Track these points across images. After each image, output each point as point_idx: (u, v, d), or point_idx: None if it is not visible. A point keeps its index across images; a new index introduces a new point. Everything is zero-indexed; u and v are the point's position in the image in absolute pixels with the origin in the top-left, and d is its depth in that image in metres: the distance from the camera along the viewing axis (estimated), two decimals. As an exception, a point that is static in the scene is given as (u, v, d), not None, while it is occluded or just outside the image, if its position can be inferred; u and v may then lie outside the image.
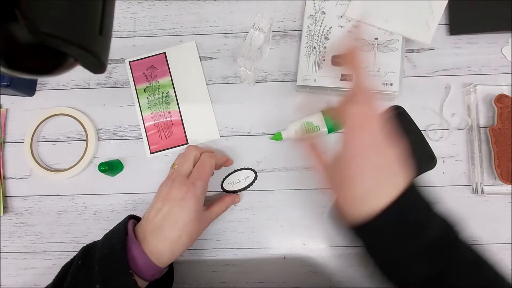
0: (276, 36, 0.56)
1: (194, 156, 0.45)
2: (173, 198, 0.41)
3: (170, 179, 0.43)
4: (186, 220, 0.40)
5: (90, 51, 0.25)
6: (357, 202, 0.33)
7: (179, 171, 0.43)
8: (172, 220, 0.40)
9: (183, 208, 0.40)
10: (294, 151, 0.52)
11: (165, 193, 0.42)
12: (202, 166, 0.44)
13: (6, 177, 0.54)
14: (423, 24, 0.51)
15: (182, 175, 0.43)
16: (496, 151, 0.49)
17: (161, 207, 0.41)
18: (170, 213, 0.40)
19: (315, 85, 0.51)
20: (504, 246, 0.49)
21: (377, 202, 0.31)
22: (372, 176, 0.32)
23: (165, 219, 0.40)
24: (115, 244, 0.38)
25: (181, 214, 0.40)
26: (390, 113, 0.51)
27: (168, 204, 0.41)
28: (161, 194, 0.42)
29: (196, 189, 0.41)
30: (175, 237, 0.40)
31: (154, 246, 0.39)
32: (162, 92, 0.55)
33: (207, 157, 0.45)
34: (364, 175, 0.32)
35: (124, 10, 0.58)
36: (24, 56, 0.24)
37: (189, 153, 0.45)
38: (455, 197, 0.50)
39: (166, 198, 0.41)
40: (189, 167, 0.44)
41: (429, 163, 0.50)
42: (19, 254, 0.52)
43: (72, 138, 0.54)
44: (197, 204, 0.41)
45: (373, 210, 0.31)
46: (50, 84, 0.56)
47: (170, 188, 0.42)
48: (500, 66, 0.53)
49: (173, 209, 0.40)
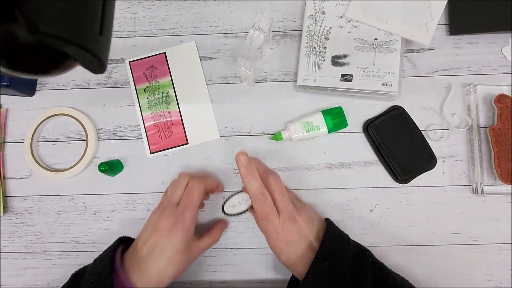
0: (276, 36, 0.56)
1: (186, 183, 0.44)
2: (161, 228, 0.40)
3: (161, 207, 0.43)
4: (173, 251, 0.40)
5: (90, 51, 0.25)
6: (289, 267, 0.41)
7: (170, 199, 0.43)
8: (159, 251, 0.40)
9: (170, 239, 0.40)
10: (294, 151, 0.52)
11: (154, 222, 0.42)
12: (190, 194, 0.43)
13: (6, 177, 0.54)
14: (422, 25, 0.51)
15: (172, 204, 0.42)
16: (496, 151, 0.49)
17: (149, 236, 0.41)
18: (158, 243, 0.40)
19: (315, 85, 0.51)
20: (504, 246, 0.49)
21: (300, 268, 0.39)
22: (288, 251, 0.40)
23: (152, 250, 0.40)
24: (101, 273, 0.37)
25: (168, 245, 0.40)
26: (390, 113, 0.51)
27: (156, 234, 0.40)
28: (150, 223, 0.42)
29: (184, 219, 0.41)
30: (162, 268, 0.39)
31: (140, 276, 0.38)
32: (162, 92, 0.55)
33: (195, 183, 0.44)
34: (281, 251, 0.40)
35: (124, 10, 0.58)
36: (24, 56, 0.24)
37: (181, 180, 0.45)
38: (455, 197, 0.50)
39: (155, 228, 0.41)
40: (180, 195, 0.44)
41: (429, 163, 0.50)
42: (19, 254, 0.52)
43: (72, 138, 0.54)
44: (185, 234, 0.41)
45: (302, 272, 0.38)
46: (50, 84, 0.56)
47: (159, 218, 0.41)
48: (500, 66, 0.53)
49: (160, 240, 0.40)
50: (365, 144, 0.52)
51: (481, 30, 0.53)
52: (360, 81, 0.50)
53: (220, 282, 0.50)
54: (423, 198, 0.50)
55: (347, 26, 0.53)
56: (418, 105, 0.53)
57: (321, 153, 0.52)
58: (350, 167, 0.52)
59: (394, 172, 0.50)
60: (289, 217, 0.40)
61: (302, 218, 0.41)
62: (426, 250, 0.49)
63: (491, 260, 0.49)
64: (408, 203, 0.50)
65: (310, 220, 0.42)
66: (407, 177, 0.50)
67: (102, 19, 0.26)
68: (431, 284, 0.49)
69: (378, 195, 0.51)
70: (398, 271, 0.49)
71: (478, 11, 0.53)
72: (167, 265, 0.39)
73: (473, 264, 0.49)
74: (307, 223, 0.41)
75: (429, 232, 0.50)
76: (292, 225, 0.40)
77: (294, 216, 0.40)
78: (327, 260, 0.37)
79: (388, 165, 0.50)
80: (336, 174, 0.52)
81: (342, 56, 0.52)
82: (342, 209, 0.51)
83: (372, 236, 0.50)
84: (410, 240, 0.50)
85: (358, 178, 0.51)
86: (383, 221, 0.50)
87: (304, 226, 0.40)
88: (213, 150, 0.53)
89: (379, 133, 0.51)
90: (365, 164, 0.52)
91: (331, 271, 0.37)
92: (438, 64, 0.53)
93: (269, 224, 0.40)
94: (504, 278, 0.49)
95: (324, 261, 0.37)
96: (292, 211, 0.40)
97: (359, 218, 0.50)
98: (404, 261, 0.49)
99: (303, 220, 0.41)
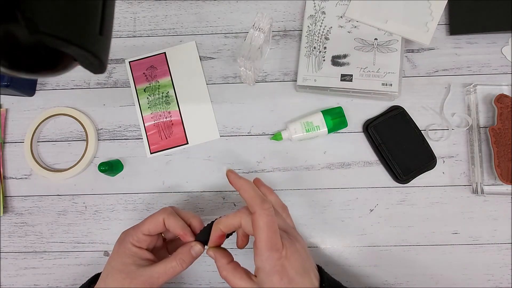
0: (276, 36, 0.56)
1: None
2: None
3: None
4: (108, 270, 0.38)
5: (90, 51, 0.25)
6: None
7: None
8: (104, 269, 0.39)
9: (111, 257, 0.39)
10: (294, 151, 0.52)
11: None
12: (148, 219, 0.40)
13: (6, 177, 0.54)
14: (422, 25, 0.51)
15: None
16: (496, 151, 0.49)
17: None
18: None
19: (315, 85, 0.51)
20: (504, 246, 0.49)
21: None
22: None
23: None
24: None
25: (109, 263, 0.39)
26: (390, 113, 0.51)
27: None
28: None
29: (124, 239, 0.39)
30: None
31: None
32: (162, 92, 0.55)
33: (162, 212, 0.40)
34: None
35: (124, 10, 0.58)
36: (24, 56, 0.24)
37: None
38: (455, 197, 0.50)
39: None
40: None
41: (429, 163, 0.50)
42: (19, 254, 0.52)
43: (72, 138, 0.54)
44: (122, 254, 0.38)
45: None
46: (50, 84, 0.56)
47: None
48: (500, 66, 0.53)
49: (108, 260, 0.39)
50: (365, 144, 0.52)
51: (481, 30, 0.53)
52: (360, 81, 0.50)
53: (220, 282, 0.50)
54: (423, 198, 0.50)
55: (347, 26, 0.53)
56: (418, 105, 0.53)
57: (321, 153, 0.52)
58: (350, 167, 0.52)
59: (394, 172, 0.50)
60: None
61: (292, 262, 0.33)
62: (426, 250, 0.49)
63: (491, 260, 0.49)
64: (408, 203, 0.50)
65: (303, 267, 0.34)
66: (407, 177, 0.50)
67: (102, 19, 0.26)
68: (431, 284, 0.49)
69: (378, 195, 0.51)
70: (398, 271, 0.50)
71: (478, 11, 0.53)
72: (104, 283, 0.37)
73: (473, 264, 0.49)
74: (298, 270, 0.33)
75: (429, 232, 0.50)
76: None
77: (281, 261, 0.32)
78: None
79: (388, 165, 0.50)
80: (336, 174, 0.52)
81: (342, 56, 0.52)
82: (342, 209, 0.51)
83: (372, 236, 0.50)
84: (410, 240, 0.50)
85: (358, 178, 0.51)
86: (383, 221, 0.50)
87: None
88: (213, 150, 0.53)
89: (379, 133, 0.51)
90: (365, 164, 0.52)
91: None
92: (438, 64, 0.53)
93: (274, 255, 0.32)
94: (504, 278, 0.49)
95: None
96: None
97: (359, 218, 0.50)
98: (404, 261, 0.49)
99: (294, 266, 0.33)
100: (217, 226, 0.36)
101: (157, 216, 0.39)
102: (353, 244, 0.50)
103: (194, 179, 0.53)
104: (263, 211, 0.32)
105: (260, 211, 0.32)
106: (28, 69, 0.25)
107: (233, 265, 0.36)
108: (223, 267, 0.35)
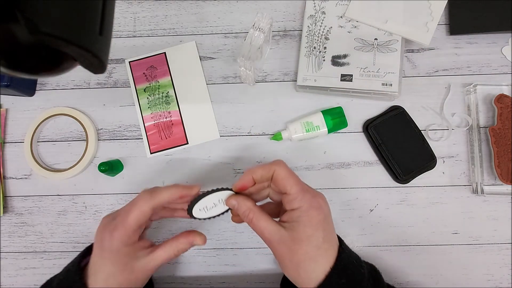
0: (276, 36, 0.56)
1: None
2: (96, 245, 0.37)
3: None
4: (106, 273, 0.36)
5: (90, 51, 0.25)
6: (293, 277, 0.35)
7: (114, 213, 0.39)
8: (94, 270, 0.37)
9: (102, 262, 0.36)
10: (294, 151, 0.52)
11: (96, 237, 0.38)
12: (127, 208, 0.37)
13: (6, 177, 0.54)
14: (422, 25, 0.51)
15: (111, 217, 0.38)
16: (496, 151, 0.49)
17: (94, 253, 0.38)
18: (93, 262, 0.37)
19: (315, 85, 0.51)
20: (504, 246, 0.49)
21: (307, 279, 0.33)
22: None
23: (90, 268, 0.37)
24: (69, 269, 0.37)
25: (101, 267, 0.36)
26: (390, 113, 0.51)
27: (94, 251, 0.38)
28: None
29: (112, 240, 0.36)
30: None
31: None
32: (162, 92, 0.55)
33: (140, 197, 0.37)
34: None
35: (124, 10, 0.58)
36: (24, 56, 0.24)
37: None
38: (455, 197, 0.50)
39: (95, 243, 0.38)
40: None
41: (429, 163, 0.50)
42: (19, 254, 0.52)
43: (72, 138, 0.54)
44: (114, 258, 0.36)
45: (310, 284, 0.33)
46: (50, 84, 0.56)
47: (98, 231, 0.38)
48: (500, 66, 0.53)
49: (94, 258, 0.37)
50: (365, 144, 0.52)
51: (481, 30, 0.53)
52: (360, 81, 0.50)
53: (220, 282, 0.50)
54: (423, 198, 0.50)
55: (347, 26, 0.53)
56: (418, 105, 0.53)
57: (321, 153, 0.52)
58: (350, 167, 0.52)
59: (394, 172, 0.50)
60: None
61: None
62: (426, 250, 0.49)
63: (491, 260, 0.49)
64: (408, 203, 0.50)
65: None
66: (407, 177, 0.50)
67: (102, 19, 0.26)
68: (431, 284, 0.49)
69: (378, 195, 0.51)
70: (398, 271, 0.50)
71: (478, 11, 0.53)
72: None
73: (473, 264, 0.49)
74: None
75: (429, 232, 0.50)
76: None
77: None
78: (345, 277, 0.33)
79: (388, 165, 0.50)
80: (336, 174, 0.52)
81: (342, 56, 0.52)
82: (342, 209, 0.51)
83: (372, 236, 0.50)
84: (410, 240, 0.50)
85: (358, 178, 0.51)
86: (383, 221, 0.50)
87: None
88: (213, 150, 0.53)
89: (379, 133, 0.51)
90: (365, 164, 0.52)
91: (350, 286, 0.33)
92: (438, 64, 0.53)
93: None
94: (504, 278, 0.49)
95: (341, 278, 0.33)
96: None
97: (359, 218, 0.50)
98: (404, 261, 0.49)
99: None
100: (249, 175, 0.37)
101: (141, 205, 0.36)
102: (353, 244, 0.50)
103: (194, 179, 0.52)
104: (280, 164, 0.36)
105: (277, 166, 0.36)
106: (28, 69, 0.25)
107: (259, 208, 0.36)
108: (250, 209, 0.36)
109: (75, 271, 0.36)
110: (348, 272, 0.33)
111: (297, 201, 0.34)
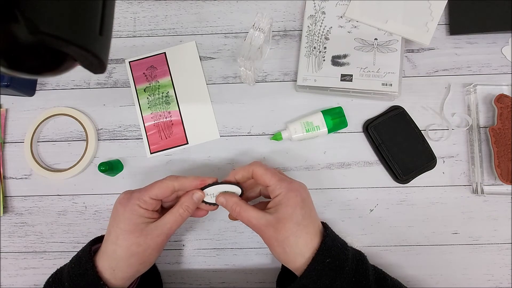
0: (276, 36, 0.56)
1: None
2: (113, 212, 0.40)
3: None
4: (117, 232, 0.38)
5: (90, 51, 0.25)
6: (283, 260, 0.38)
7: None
8: (107, 233, 0.39)
9: (114, 220, 0.39)
10: (294, 151, 0.52)
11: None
12: (154, 183, 0.40)
13: (6, 177, 0.54)
14: (422, 25, 0.51)
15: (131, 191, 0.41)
16: (496, 151, 0.49)
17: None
18: (108, 227, 0.39)
19: (315, 85, 0.51)
20: (504, 246, 0.49)
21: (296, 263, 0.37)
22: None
23: (106, 234, 0.39)
24: (80, 257, 0.38)
25: (113, 227, 0.38)
26: (390, 113, 0.51)
27: (110, 219, 0.40)
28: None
29: (131, 199, 0.39)
30: (110, 251, 0.37)
31: (97, 262, 0.38)
32: (162, 92, 0.55)
33: (168, 178, 0.41)
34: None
35: (124, 10, 0.58)
36: (24, 56, 0.24)
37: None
38: (455, 197, 0.50)
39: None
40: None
41: (429, 163, 0.50)
42: (19, 254, 0.52)
43: (72, 138, 0.54)
44: (128, 213, 0.38)
45: (299, 267, 0.37)
46: (50, 84, 0.56)
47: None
48: (500, 66, 0.53)
49: (109, 224, 0.39)
50: (365, 144, 0.52)
51: (481, 30, 0.53)
52: (360, 81, 0.50)
53: (220, 282, 0.50)
54: (423, 198, 0.50)
55: (347, 26, 0.53)
56: (418, 105, 0.53)
57: (321, 153, 0.52)
58: (350, 167, 0.52)
59: (394, 172, 0.50)
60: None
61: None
62: (426, 250, 0.49)
63: (491, 260, 0.49)
64: (408, 203, 0.50)
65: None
66: (407, 177, 0.50)
67: (102, 19, 0.26)
68: (431, 284, 0.49)
69: (378, 195, 0.51)
70: (398, 271, 0.50)
71: (478, 11, 0.53)
72: (116, 249, 0.37)
73: (473, 264, 0.49)
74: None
75: (429, 232, 0.50)
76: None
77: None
78: (329, 257, 0.36)
79: (388, 165, 0.50)
80: (336, 174, 0.52)
81: (342, 56, 0.52)
82: (342, 209, 0.51)
83: (372, 236, 0.50)
84: (410, 240, 0.50)
85: (358, 178, 0.51)
86: (383, 221, 0.50)
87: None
88: (213, 150, 0.53)
89: (379, 133, 0.51)
90: (365, 164, 0.52)
91: (333, 267, 0.36)
92: (438, 64, 0.53)
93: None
94: (504, 278, 0.49)
95: (326, 257, 0.36)
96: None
97: (359, 218, 0.50)
98: (404, 261, 0.49)
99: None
100: (232, 176, 0.42)
101: (165, 181, 0.40)
102: (353, 244, 0.50)
103: (194, 179, 0.53)
104: (257, 164, 0.41)
105: (254, 166, 0.41)
106: (28, 69, 0.25)
107: (244, 201, 0.40)
108: (236, 203, 0.40)
109: (86, 257, 0.38)
110: (333, 253, 0.37)
111: (277, 189, 0.39)
